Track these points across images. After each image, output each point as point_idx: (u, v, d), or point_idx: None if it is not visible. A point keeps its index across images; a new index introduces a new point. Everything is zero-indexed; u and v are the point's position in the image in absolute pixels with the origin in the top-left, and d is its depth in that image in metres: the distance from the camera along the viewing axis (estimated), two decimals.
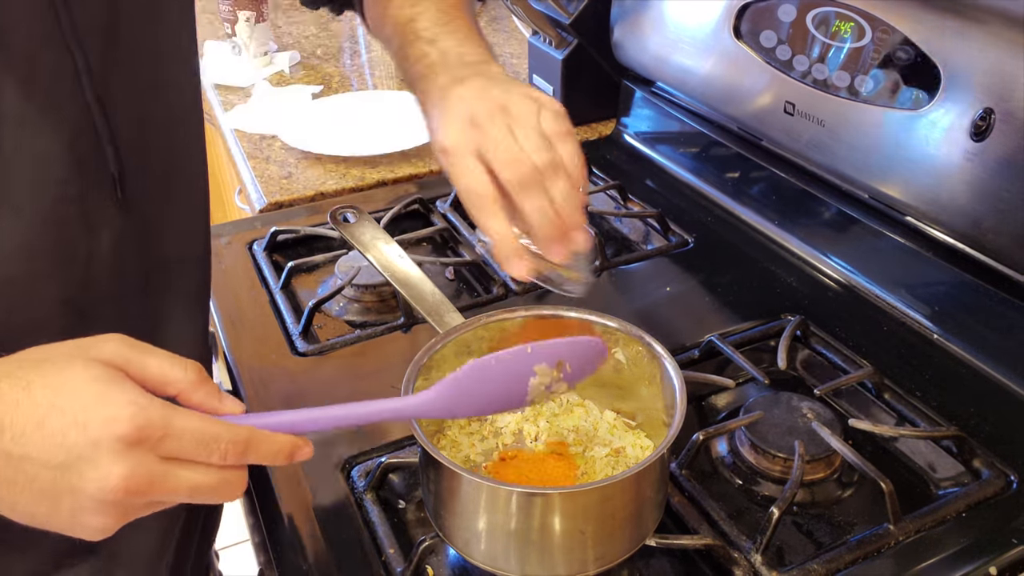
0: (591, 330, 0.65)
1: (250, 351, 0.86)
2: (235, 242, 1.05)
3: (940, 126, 0.77)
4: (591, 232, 0.67)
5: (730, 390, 0.78)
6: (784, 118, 0.95)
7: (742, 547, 0.62)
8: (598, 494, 0.54)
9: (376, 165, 1.23)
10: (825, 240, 0.95)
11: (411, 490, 0.70)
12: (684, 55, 1.09)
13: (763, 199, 1.04)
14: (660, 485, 0.59)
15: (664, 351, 0.62)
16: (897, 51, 0.80)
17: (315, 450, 0.73)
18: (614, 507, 0.55)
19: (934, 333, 0.83)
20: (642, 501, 0.57)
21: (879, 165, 0.85)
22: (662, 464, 0.57)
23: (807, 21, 0.89)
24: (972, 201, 0.76)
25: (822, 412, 0.71)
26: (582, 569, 0.56)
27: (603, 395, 0.69)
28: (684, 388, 0.59)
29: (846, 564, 0.61)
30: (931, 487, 0.70)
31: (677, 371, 0.61)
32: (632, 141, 1.26)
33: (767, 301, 0.90)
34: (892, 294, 0.87)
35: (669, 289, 0.94)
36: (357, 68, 1.65)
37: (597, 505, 0.54)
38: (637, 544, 0.58)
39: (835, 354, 0.80)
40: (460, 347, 0.65)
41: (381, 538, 0.65)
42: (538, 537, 0.55)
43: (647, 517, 0.58)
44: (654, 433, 0.66)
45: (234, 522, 0.88)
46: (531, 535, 0.55)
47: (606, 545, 0.56)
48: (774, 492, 0.68)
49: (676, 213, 1.07)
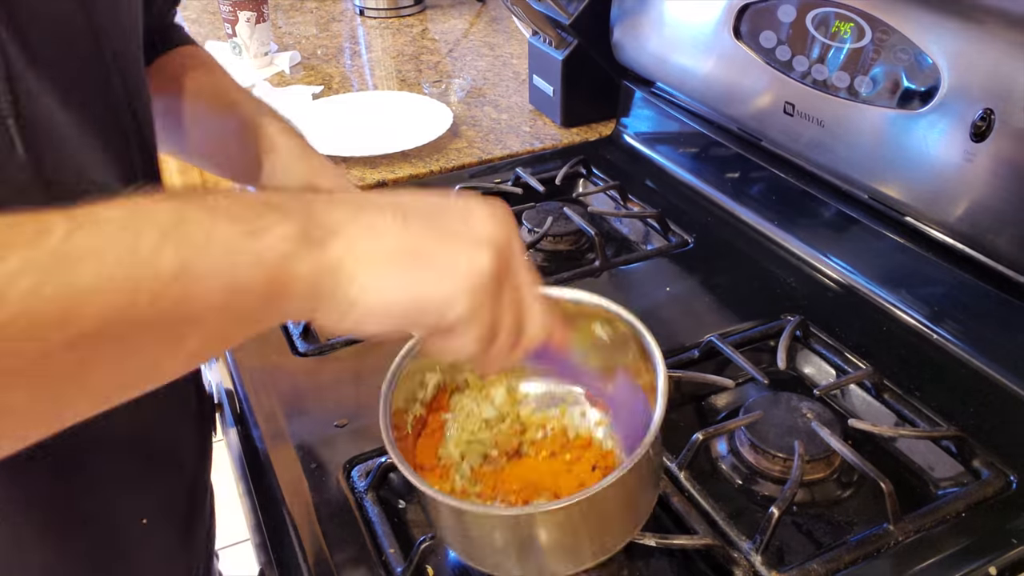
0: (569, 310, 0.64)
1: (250, 351, 0.86)
2: None
3: (940, 126, 0.77)
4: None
5: (730, 390, 0.78)
6: (784, 118, 0.95)
7: (742, 547, 0.62)
8: (584, 504, 0.52)
9: (376, 165, 1.23)
10: (825, 240, 0.95)
11: (411, 490, 0.70)
12: (684, 55, 1.09)
13: (763, 199, 1.04)
14: (650, 475, 0.57)
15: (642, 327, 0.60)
16: (897, 51, 0.80)
17: (315, 450, 0.74)
18: (605, 508, 0.54)
19: (934, 333, 0.83)
20: (635, 494, 0.56)
21: (879, 165, 0.85)
22: (648, 458, 0.54)
23: (807, 22, 0.89)
24: (972, 201, 0.76)
25: (822, 412, 0.71)
26: (580, 564, 0.56)
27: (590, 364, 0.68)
28: (665, 371, 0.56)
29: (846, 564, 0.61)
30: (931, 487, 0.70)
31: (656, 347, 0.58)
32: (632, 141, 1.26)
33: (767, 301, 0.90)
34: (892, 294, 0.87)
35: (669, 289, 0.94)
36: (357, 68, 1.65)
37: (585, 512, 0.53)
38: (637, 527, 0.57)
39: (835, 354, 0.80)
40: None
41: (381, 538, 0.65)
42: (529, 547, 0.54)
43: (644, 503, 0.57)
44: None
45: (234, 522, 0.88)
46: (522, 547, 0.55)
47: (604, 539, 0.56)
48: (774, 492, 0.68)
49: (676, 213, 1.07)
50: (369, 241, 0.40)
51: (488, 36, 1.80)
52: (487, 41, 1.76)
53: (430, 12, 1.97)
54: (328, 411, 0.77)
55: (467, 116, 1.40)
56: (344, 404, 0.78)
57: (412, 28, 1.87)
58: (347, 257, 0.39)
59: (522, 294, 0.45)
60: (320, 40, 1.79)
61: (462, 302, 0.41)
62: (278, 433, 0.76)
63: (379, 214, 0.41)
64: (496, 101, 1.46)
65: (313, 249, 0.39)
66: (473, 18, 1.92)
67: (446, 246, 0.41)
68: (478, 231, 0.43)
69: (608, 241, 1.07)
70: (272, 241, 0.38)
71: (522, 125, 1.36)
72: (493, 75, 1.58)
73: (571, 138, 1.31)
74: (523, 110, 1.41)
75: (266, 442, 0.75)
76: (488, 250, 0.42)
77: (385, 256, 0.40)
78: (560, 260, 1.02)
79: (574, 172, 1.18)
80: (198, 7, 2.02)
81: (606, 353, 0.65)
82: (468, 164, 1.24)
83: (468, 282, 0.41)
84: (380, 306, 0.40)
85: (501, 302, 0.44)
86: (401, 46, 1.76)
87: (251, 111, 0.71)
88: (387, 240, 0.40)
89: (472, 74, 1.58)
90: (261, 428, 0.77)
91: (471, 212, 0.44)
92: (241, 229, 0.37)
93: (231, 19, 1.58)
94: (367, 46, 1.78)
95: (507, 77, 1.56)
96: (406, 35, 1.82)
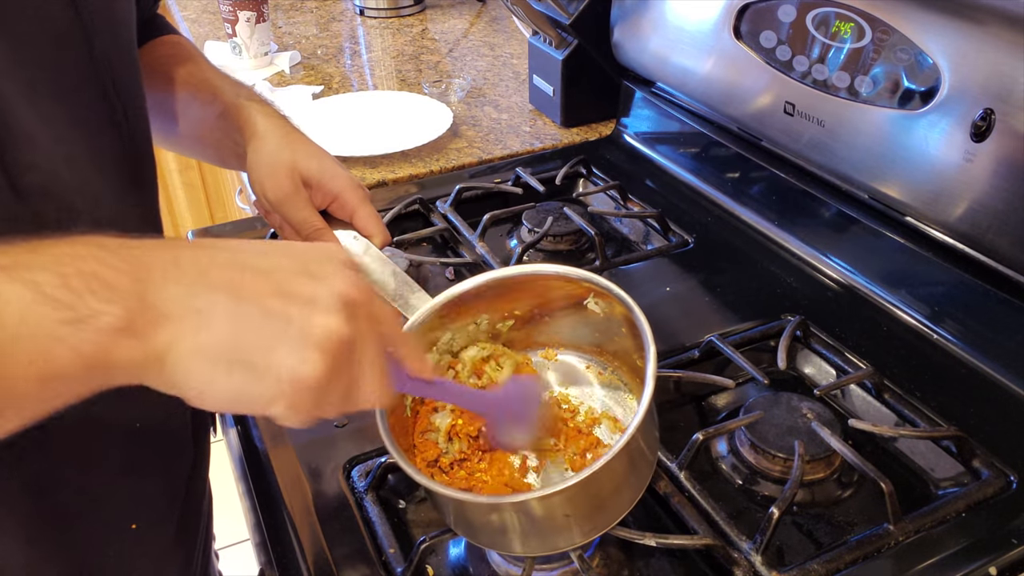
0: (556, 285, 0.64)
1: None
2: None
3: (940, 126, 0.77)
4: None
5: (730, 390, 0.78)
6: (784, 118, 0.95)
7: (742, 547, 0.62)
8: (569, 491, 0.52)
9: (376, 165, 1.23)
10: (825, 240, 0.95)
11: (411, 490, 0.70)
12: (684, 55, 1.09)
13: (763, 199, 1.04)
14: (640, 458, 0.57)
15: (632, 303, 0.61)
16: (897, 51, 0.80)
17: (315, 450, 0.74)
18: (595, 491, 0.54)
19: (934, 333, 0.83)
20: (624, 477, 0.56)
21: (879, 165, 0.85)
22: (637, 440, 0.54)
23: (807, 21, 0.89)
24: (972, 201, 0.76)
25: (822, 412, 0.71)
26: (570, 543, 0.57)
27: (584, 339, 0.69)
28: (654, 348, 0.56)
29: (846, 564, 0.61)
30: (931, 487, 0.70)
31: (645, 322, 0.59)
32: (632, 141, 1.26)
33: (767, 301, 0.90)
34: (892, 294, 0.87)
35: (669, 289, 0.94)
36: (357, 68, 1.65)
37: (573, 496, 0.53)
38: (630, 505, 0.57)
39: (835, 354, 0.80)
40: (426, 331, 0.64)
41: (381, 538, 0.65)
42: (520, 529, 0.55)
43: (636, 482, 0.57)
44: (635, 386, 0.66)
45: (234, 522, 0.88)
46: (514, 528, 0.55)
47: (595, 519, 0.56)
48: (774, 492, 0.68)
49: (676, 213, 1.07)
50: (195, 333, 0.39)
51: (488, 36, 1.80)
52: (487, 41, 1.76)
53: (430, 12, 1.97)
54: None
55: (467, 116, 1.40)
56: None
57: (412, 28, 1.87)
58: (171, 350, 0.39)
59: (357, 372, 0.44)
60: (320, 40, 1.79)
61: (280, 405, 0.41)
62: (278, 433, 0.76)
63: (213, 297, 0.40)
64: (496, 101, 1.46)
65: (136, 340, 0.38)
66: (473, 18, 1.92)
67: (272, 353, 0.40)
68: (314, 333, 0.41)
69: (608, 241, 1.07)
70: (92, 334, 0.36)
71: (522, 125, 1.36)
72: (493, 75, 1.58)
73: (571, 138, 1.31)
74: (523, 110, 1.41)
75: (266, 442, 0.75)
76: (317, 356, 0.40)
77: (209, 355, 0.39)
78: (560, 260, 1.02)
79: (574, 172, 1.18)
80: (198, 7, 2.02)
81: (600, 330, 0.66)
82: (468, 164, 1.24)
83: (288, 390, 0.40)
84: (202, 396, 0.40)
85: (326, 394, 0.42)
86: (401, 46, 1.76)
87: (232, 96, 0.71)
88: (213, 336, 0.39)
89: (472, 74, 1.58)
90: (261, 428, 0.77)
91: (315, 300, 0.42)
92: (61, 316, 0.36)
93: (231, 19, 1.57)
94: (367, 46, 1.78)
95: (507, 77, 1.56)
96: (406, 35, 1.83)
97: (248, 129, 0.69)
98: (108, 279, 0.38)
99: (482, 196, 1.13)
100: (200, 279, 0.40)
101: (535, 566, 0.61)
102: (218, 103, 0.71)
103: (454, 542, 0.66)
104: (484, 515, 0.56)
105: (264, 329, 0.40)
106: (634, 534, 0.61)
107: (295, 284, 0.42)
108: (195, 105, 0.73)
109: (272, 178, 0.66)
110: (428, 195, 1.12)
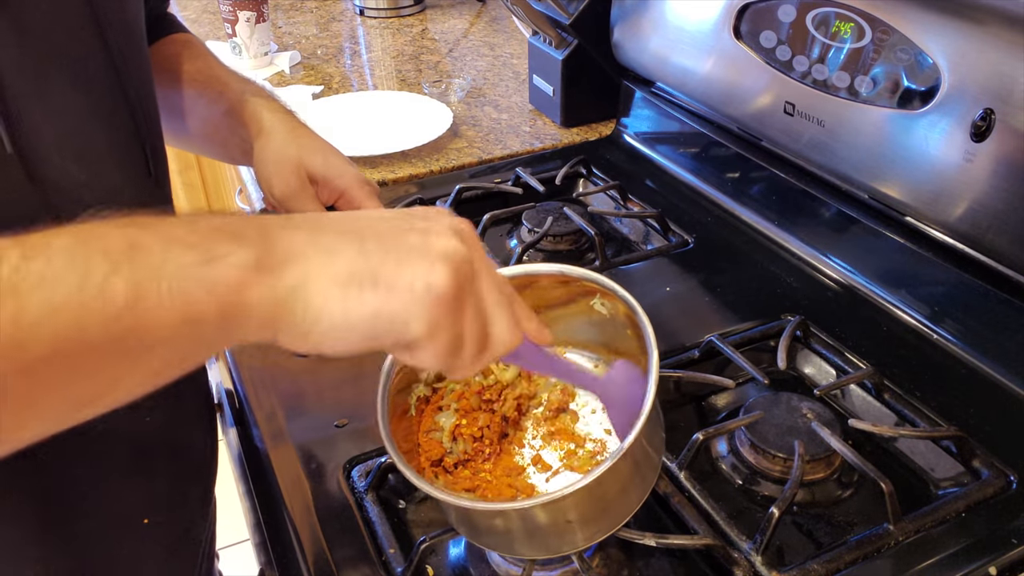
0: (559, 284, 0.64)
1: (250, 351, 0.86)
2: None
3: (940, 126, 0.77)
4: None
5: (730, 390, 0.78)
6: (784, 118, 0.95)
7: (742, 547, 0.62)
8: (573, 496, 0.52)
9: (376, 165, 1.23)
10: (825, 240, 0.95)
11: (411, 490, 0.70)
12: (684, 55, 1.09)
13: (763, 199, 1.04)
14: (645, 460, 0.57)
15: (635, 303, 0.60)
16: (897, 51, 0.80)
17: (315, 450, 0.74)
18: (600, 494, 0.54)
19: (934, 333, 0.83)
20: (628, 479, 0.56)
21: (879, 165, 0.85)
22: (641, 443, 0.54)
23: (807, 21, 0.89)
24: (972, 201, 0.76)
25: (822, 412, 0.71)
26: (574, 547, 0.57)
27: (592, 338, 0.69)
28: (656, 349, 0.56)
29: (846, 564, 0.61)
30: (931, 487, 0.70)
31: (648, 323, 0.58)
32: (632, 141, 1.26)
33: (767, 301, 0.90)
34: (892, 294, 0.87)
35: (669, 289, 0.94)
36: (357, 68, 1.65)
37: (578, 501, 0.53)
38: (636, 507, 0.57)
39: (835, 354, 0.80)
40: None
41: (381, 538, 0.65)
42: (524, 533, 0.55)
43: (641, 485, 0.57)
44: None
45: (234, 522, 0.88)
46: (517, 533, 0.55)
47: (600, 523, 0.56)
48: (774, 492, 0.68)
49: (676, 213, 1.07)
50: (325, 265, 0.40)
51: (488, 36, 1.80)
52: (487, 41, 1.76)
53: (430, 12, 1.97)
54: (328, 411, 0.77)
55: (467, 116, 1.40)
56: (344, 404, 0.78)
57: (412, 28, 1.87)
58: (304, 282, 0.39)
59: (485, 304, 0.45)
60: (320, 40, 1.79)
61: (419, 321, 0.41)
62: (278, 433, 0.76)
63: (336, 237, 0.41)
64: (496, 101, 1.46)
65: (268, 277, 0.39)
66: (473, 18, 1.92)
67: (402, 267, 0.41)
68: (436, 248, 0.43)
69: (608, 241, 1.07)
70: (226, 270, 0.37)
71: (522, 125, 1.36)
72: (493, 75, 1.58)
73: (571, 138, 1.31)
74: (523, 110, 1.41)
75: (266, 442, 0.75)
76: (445, 267, 0.42)
77: (341, 279, 0.40)
78: (560, 260, 1.02)
79: (574, 172, 1.18)
80: (198, 7, 2.02)
81: (606, 330, 0.65)
82: (468, 164, 1.24)
83: (424, 301, 0.41)
84: (338, 327, 0.41)
85: (462, 316, 0.44)
86: (401, 46, 1.76)
87: (239, 92, 0.71)
88: (343, 263, 0.40)
89: (472, 74, 1.58)
90: (261, 428, 0.77)
91: (430, 229, 0.44)
92: (195, 258, 0.37)
93: (231, 19, 1.57)
94: (367, 46, 1.78)
95: (507, 77, 1.56)
96: (406, 35, 1.82)
97: (254, 125, 0.69)
98: (233, 229, 0.39)
99: (482, 196, 1.13)
100: (318, 228, 0.42)
101: (535, 566, 0.61)
102: (225, 100, 0.72)
103: (454, 542, 0.66)
104: (488, 520, 0.56)
105: (390, 252, 0.42)
106: (634, 534, 0.61)
107: (410, 222, 0.44)
108: (202, 102, 0.73)
109: (278, 174, 0.67)
110: (428, 195, 1.12)
